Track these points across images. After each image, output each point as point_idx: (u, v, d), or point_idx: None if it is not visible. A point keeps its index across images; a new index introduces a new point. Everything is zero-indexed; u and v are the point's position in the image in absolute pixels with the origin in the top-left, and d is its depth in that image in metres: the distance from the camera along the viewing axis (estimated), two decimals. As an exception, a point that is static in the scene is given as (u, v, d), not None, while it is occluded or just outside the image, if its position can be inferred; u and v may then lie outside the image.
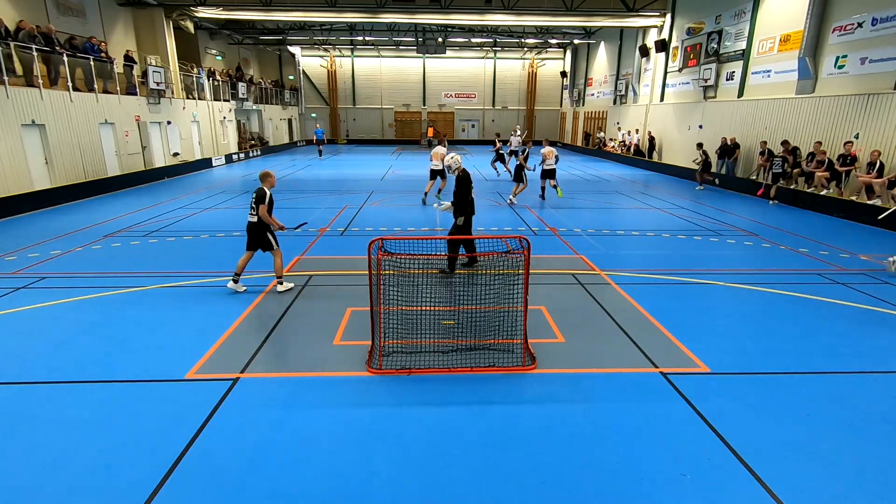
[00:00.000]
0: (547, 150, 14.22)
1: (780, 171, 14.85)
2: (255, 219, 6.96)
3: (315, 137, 30.24)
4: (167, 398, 4.42)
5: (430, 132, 41.10)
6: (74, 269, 8.00)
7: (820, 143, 14.18)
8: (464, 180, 7.53)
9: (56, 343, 5.46)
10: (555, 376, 4.85)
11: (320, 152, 30.32)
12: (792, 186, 15.01)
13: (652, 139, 24.73)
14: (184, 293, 7.01)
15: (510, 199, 14.06)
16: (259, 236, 6.98)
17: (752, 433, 3.97)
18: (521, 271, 5.16)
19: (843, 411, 4.29)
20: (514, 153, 20.29)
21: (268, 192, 7.07)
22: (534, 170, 14.59)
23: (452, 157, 7.84)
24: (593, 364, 5.08)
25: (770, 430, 4.02)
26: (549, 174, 14.24)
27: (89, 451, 3.72)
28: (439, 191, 14.47)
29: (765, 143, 16.19)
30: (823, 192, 13.76)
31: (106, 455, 3.68)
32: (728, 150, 18.08)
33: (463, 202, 7.56)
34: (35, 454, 3.69)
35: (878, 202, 11.82)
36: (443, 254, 7.61)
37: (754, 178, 16.84)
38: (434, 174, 14.21)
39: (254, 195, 6.97)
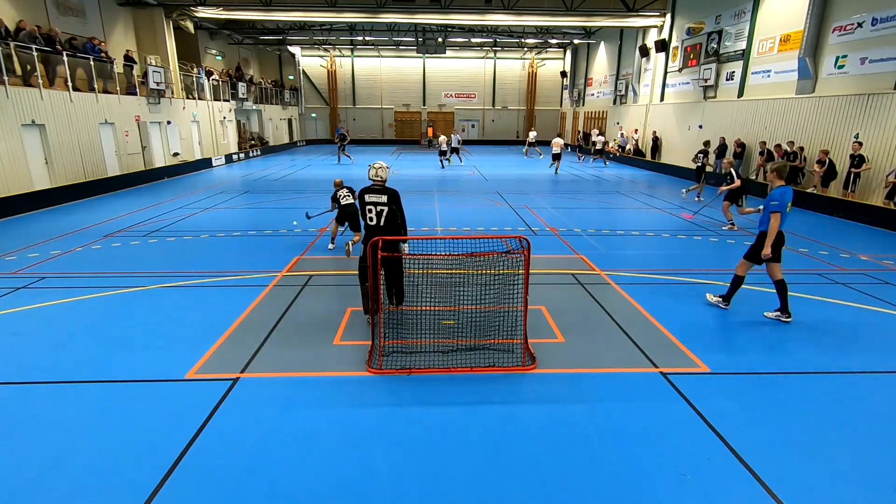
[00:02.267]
0: (555, 140, 22.10)
1: (701, 164, 15.62)
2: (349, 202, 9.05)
3: (336, 137, 26.25)
4: (167, 398, 4.42)
5: (430, 132, 41.10)
6: (74, 269, 8.00)
7: (803, 147, 14.27)
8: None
9: (56, 343, 5.46)
10: (555, 376, 4.85)
11: (340, 155, 26.73)
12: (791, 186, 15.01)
13: (656, 139, 24.42)
14: (184, 293, 7.01)
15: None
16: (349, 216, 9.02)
17: (752, 433, 3.97)
18: (520, 271, 5.16)
19: (843, 411, 4.29)
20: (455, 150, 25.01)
21: (337, 191, 9.21)
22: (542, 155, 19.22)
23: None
24: (593, 364, 5.08)
25: (770, 430, 4.02)
26: (557, 157, 21.89)
27: (89, 451, 3.72)
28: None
29: (764, 143, 16.22)
30: (810, 190, 13.88)
31: (106, 455, 3.68)
32: (725, 152, 18.16)
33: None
34: (35, 454, 3.69)
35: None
36: (443, 254, 7.59)
37: (753, 177, 16.91)
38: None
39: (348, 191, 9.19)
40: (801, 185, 14.51)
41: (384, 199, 5.57)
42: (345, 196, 9.00)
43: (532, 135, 31.62)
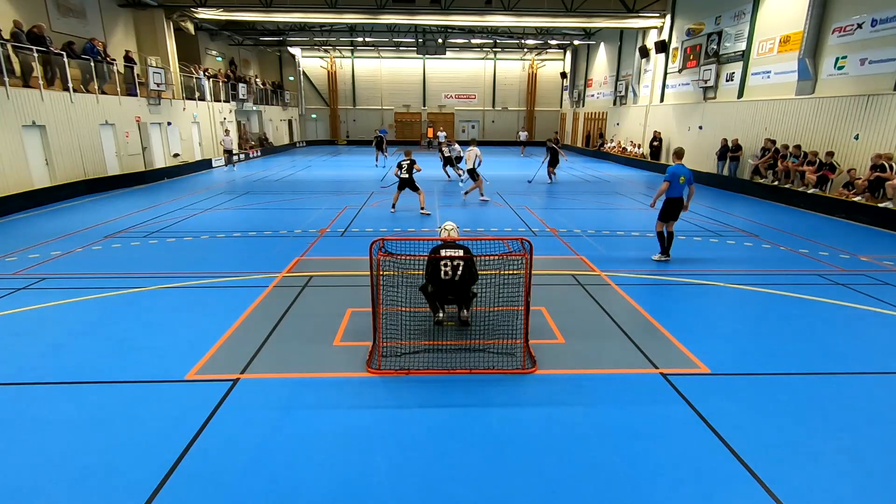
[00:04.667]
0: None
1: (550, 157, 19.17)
2: (406, 176, 12.40)
3: (379, 137, 24.82)
4: (167, 399, 4.42)
5: (430, 133, 41.13)
6: (74, 270, 8.01)
7: (799, 146, 14.26)
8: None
9: (56, 344, 5.46)
10: (555, 377, 4.85)
11: (378, 155, 25.67)
12: (787, 186, 15.07)
13: (660, 140, 23.86)
14: (184, 294, 7.01)
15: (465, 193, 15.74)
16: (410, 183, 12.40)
17: (752, 434, 3.97)
18: (521, 271, 5.16)
19: (843, 412, 4.29)
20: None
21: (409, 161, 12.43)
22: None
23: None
24: (593, 365, 5.08)
25: (770, 431, 4.02)
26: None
27: (89, 452, 3.72)
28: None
29: (773, 141, 16.12)
30: (811, 191, 14.03)
31: (106, 456, 3.68)
32: (726, 153, 18.19)
33: None
34: (35, 455, 3.69)
35: (889, 205, 11.71)
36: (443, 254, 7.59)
37: (747, 176, 17.02)
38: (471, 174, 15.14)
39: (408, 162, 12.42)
40: (805, 185, 14.55)
41: (460, 252, 5.59)
42: (402, 169, 12.35)
43: (522, 135, 33.54)
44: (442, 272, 5.53)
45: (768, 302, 6.87)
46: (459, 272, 5.51)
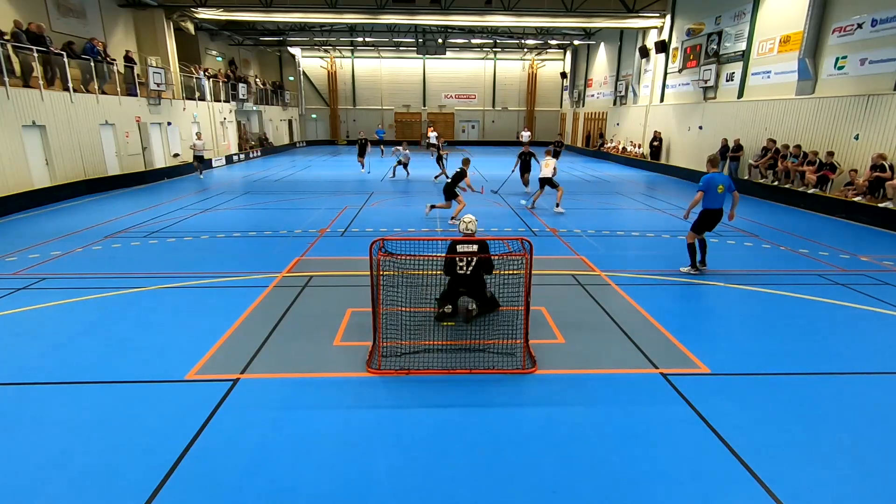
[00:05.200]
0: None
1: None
2: (450, 181, 11.85)
3: (363, 141, 22.76)
4: (167, 399, 4.42)
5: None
6: (75, 270, 8.01)
7: (799, 146, 14.27)
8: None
9: (56, 344, 5.46)
10: (555, 377, 4.85)
11: (363, 162, 23.14)
12: (787, 186, 15.08)
13: (660, 141, 23.80)
14: (184, 294, 7.01)
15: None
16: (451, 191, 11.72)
17: (752, 434, 3.97)
18: (521, 271, 5.16)
19: (844, 412, 4.29)
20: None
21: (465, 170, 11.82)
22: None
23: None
24: (593, 365, 5.08)
25: (770, 431, 4.02)
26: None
27: (89, 452, 3.72)
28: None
29: (773, 141, 16.12)
30: (811, 191, 14.05)
31: (106, 456, 3.68)
32: (726, 153, 18.18)
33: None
34: (35, 455, 3.69)
35: (889, 205, 11.71)
36: (443, 254, 7.60)
37: (747, 177, 17.06)
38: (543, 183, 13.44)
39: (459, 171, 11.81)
40: (804, 185, 14.57)
41: (474, 248, 5.90)
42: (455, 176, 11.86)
43: (525, 136, 30.95)
44: (457, 265, 5.86)
45: (768, 302, 6.87)
46: (472, 266, 5.82)
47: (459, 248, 5.93)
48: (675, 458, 3.69)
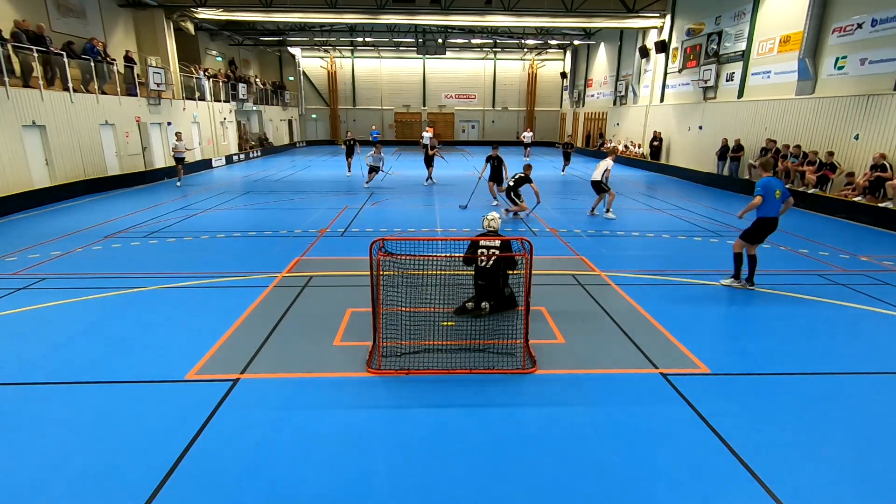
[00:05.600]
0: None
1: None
2: (512, 183, 12.19)
3: (351, 142, 21.53)
4: (167, 399, 4.41)
5: (431, 132, 41.03)
6: (75, 270, 8.01)
7: (799, 146, 14.29)
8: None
9: (56, 344, 5.46)
10: (555, 377, 4.85)
11: (350, 164, 21.90)
12: (787, 186, 15.08)
13: (661, 141, 23.81)
14: (184, 294, 7.01)
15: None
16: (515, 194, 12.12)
17: (752, 434, 3.97)
18: (521, 271, 5.16)
19: (843, 412, 4.29)
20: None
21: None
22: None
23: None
24: (593, 365, 5.08)
25: (770, 431, 4.02)
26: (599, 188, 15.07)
27: (89, 452, 3.72)
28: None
29: (774, 141, 16.13)
30: (811, 191, 14.08)
31: (106, 456, 3.68)
32: (726, 153, 18.22)
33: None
34: (35, 455, 3.69)
35: (889, 205, 11.71)
36: (444, 254, 7.60)
37: (747, 177, 17.04)
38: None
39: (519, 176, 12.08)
40: (805, 185, 14.58)
41: (497, 243, 6.09)
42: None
43: (528, 135, 29.37)
44: (479, 260, 6.09)
45: (769, 302, 6.87)
46: (493, 260, 6.01)
47: (482, 243, 6.13)
48: (675, 458, 3.69)
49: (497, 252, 5.97)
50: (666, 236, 10.67)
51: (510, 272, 6.25)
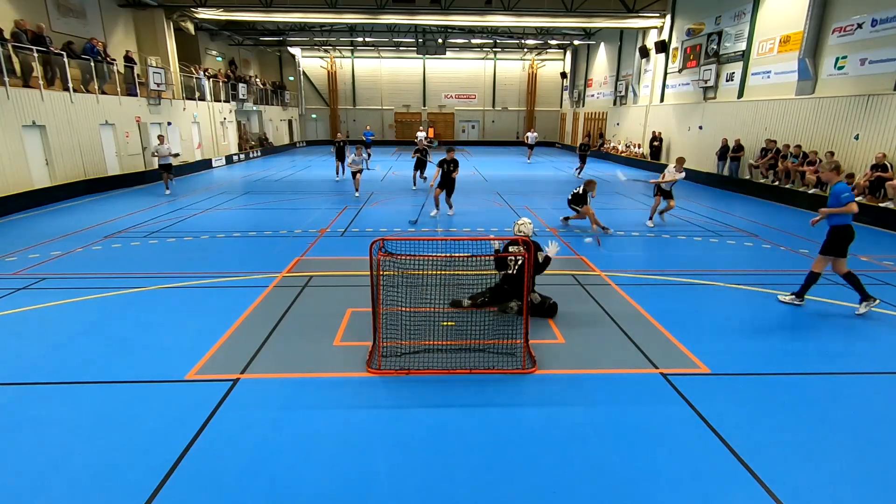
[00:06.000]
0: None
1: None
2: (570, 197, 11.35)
3: (341, 143, 20.19)
4: (167, 399, 4.41)
5: (431, 132, 41.13)
6: (75, 270, 8.01)
7: (799, 146, 14.30)
8: None
9: (56, 344, 5.46)
10: (555, 377, 4.85)
11: (338, 167, 20.43)
12: (788, 186, 15.08)
13: (661, 141, 23.83)
14: (184, 294, 7.01)
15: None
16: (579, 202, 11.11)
17: (752, 434, 3.97)
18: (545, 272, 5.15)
19: (843, 412, 4.29)
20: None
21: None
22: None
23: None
24: (593, 365, 5.08)
25: (770, 431, 4.02)
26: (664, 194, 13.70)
27: (89, 452, 3.72)
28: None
29: (774, 141, 16.13)
30: (811, 191, 14.06)
31: (106, 456, 3.68)
32: (726, 153, 18.22)
33: None
34: (35, 455, 3.69)
35: (889, 205, 11.71)
36: (443, 254, 7.59)
37: (748, 176, 17.05)
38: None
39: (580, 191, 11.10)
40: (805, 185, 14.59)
41: (520, 249, 6.03)
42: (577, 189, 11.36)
43: (532, 136, 28.16)
44: (508, 265, 6.29)
45: (768, 302, 6.87)
46: (517, 266, 6.18)
47: (511, 248, 6.23)
48: (675, 458, 3.69)
49: (521, 259, 6.00)
50: (666, 236, 10.67)
51: (536, 274, 6.23)
